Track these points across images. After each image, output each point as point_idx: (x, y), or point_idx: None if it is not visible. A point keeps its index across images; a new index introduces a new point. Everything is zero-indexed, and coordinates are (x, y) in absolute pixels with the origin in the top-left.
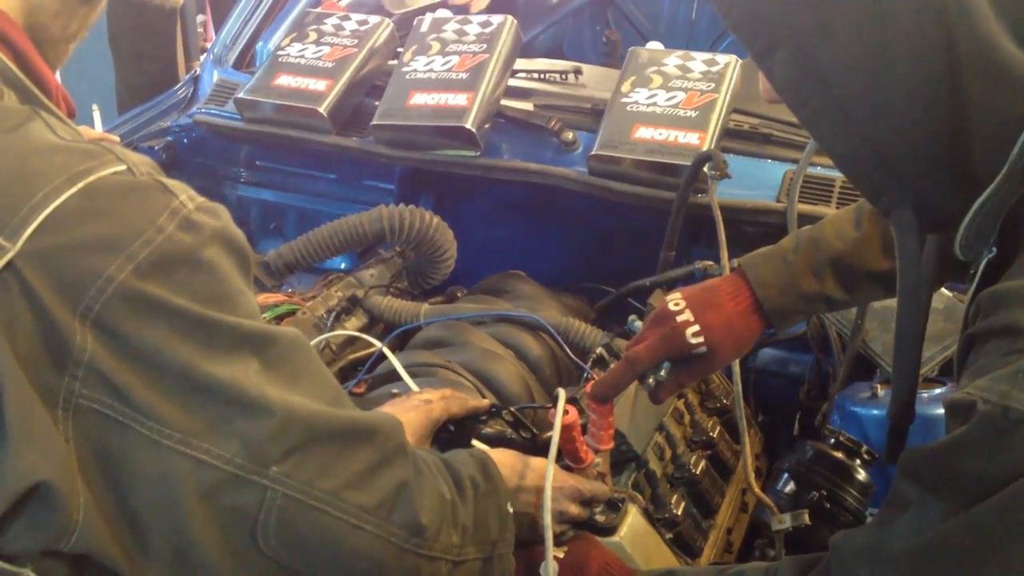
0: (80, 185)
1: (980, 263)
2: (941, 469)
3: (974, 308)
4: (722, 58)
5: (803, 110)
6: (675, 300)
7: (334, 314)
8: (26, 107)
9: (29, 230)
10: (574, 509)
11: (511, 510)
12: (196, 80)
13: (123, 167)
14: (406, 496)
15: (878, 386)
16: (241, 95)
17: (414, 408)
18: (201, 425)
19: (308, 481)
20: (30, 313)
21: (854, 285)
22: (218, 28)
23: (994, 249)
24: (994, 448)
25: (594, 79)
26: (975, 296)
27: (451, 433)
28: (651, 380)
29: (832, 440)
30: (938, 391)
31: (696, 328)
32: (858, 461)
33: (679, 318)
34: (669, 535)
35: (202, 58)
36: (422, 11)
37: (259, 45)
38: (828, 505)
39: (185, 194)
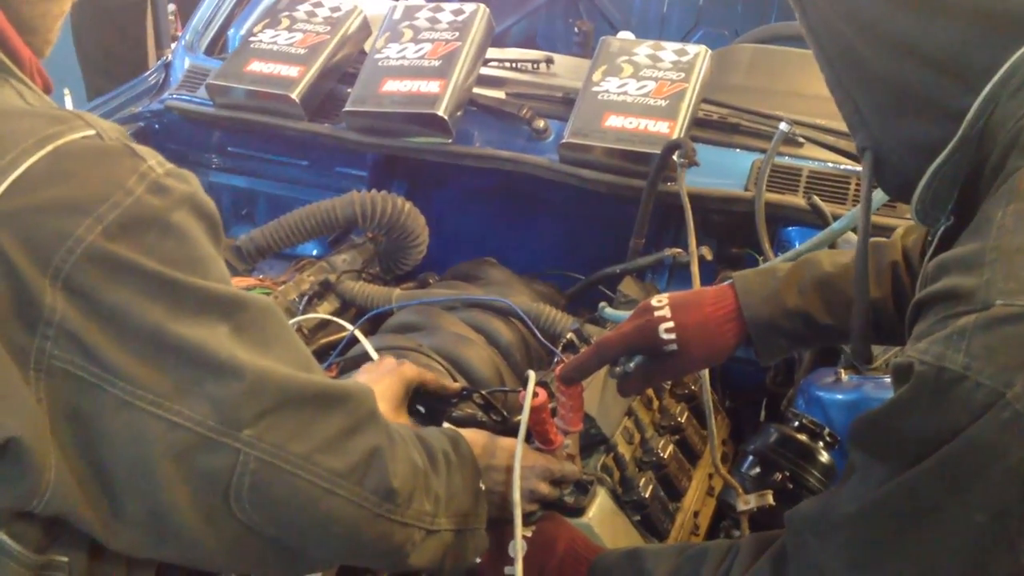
0: (49, 148)
1: (937, 232)
2: (881, 432)
3: (924, 276)
4: (692, 48)
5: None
6: (659, 298)
7: (306, 298)
8: None
9: None
10: (544, 488)
11: (483, 487)
12: (168, 66)
13: (92, 132)
14: (378, 461)
15: (842, 371)
16: (213, 80)
17: (388, 372)
18: (172, 387)
19: (280, 444)
20: (0, 273)
21: (838, 309)
22: (186, 19)
23: (951, 218)
24: (930, 409)
25: (565, 69)
26: (927, 264)
27: (422, 415)
28: (619, 369)
29: (796, 423)
30: None
31: (670, 324)
32: (821, 443)
33: (656, 313)
34: (637, 517)
35: (173, 46)
36: None
37: (231, 32)
38: (792, 486)
39: (154, 159)
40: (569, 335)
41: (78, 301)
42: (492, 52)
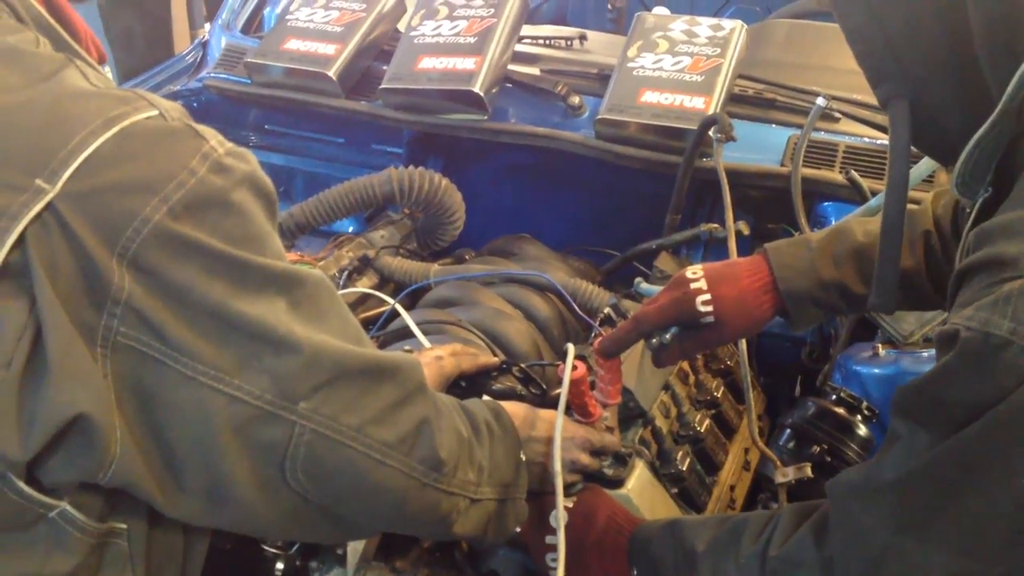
0: (115, 129)
1: (976, 203)
2: (927, 400)
3: (965, 246)
4: (728, 23)
5: None
6: (694, 269)
7: (346, 273)
8: (61, 55)
9: (68, 172)
10: (585, 459)
11: (524, 458)
12: (204, 45)
13: (155, 112)
14: (427, 432)
15: (879, 346)
16: (250, 58)
17: (426, 365)
18: (233, 362)
19: (333, 417)
20: (70, 253)
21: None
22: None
23: (989, 189)
24: (976, 374)
25: (599, 45)
26: (968, 235)
27: (462, 389)
28: (655, 341)
29: (833, 396)
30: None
31: (707, 297)
32: (859, 417)
33: (693, 285)
34: (674, 490)
35: (206, 26)
36: None
37: (267, 11)
38: (829, 459)
39: (215, 139)
40: (607, 310)
41: (144, 280)
42: (526, 29)
